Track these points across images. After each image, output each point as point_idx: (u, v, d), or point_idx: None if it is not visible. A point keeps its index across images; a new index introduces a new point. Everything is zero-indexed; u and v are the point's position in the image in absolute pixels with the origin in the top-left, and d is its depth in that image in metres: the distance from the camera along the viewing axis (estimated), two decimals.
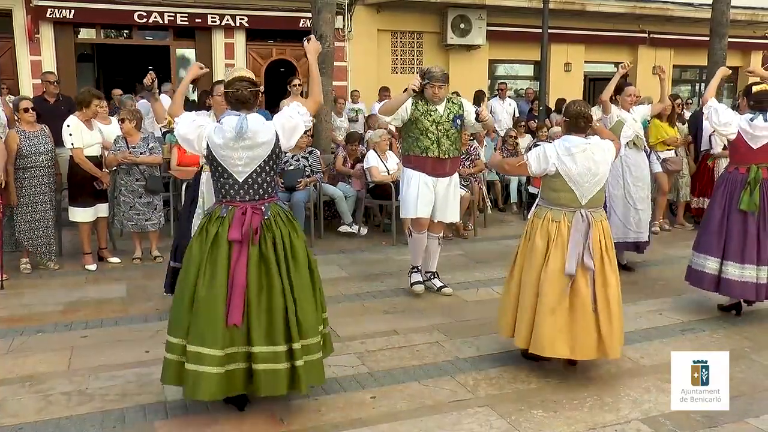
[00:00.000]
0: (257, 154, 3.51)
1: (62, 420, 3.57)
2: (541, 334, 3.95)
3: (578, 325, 3.94)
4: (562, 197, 4.04)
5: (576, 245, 3.95)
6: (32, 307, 5.41)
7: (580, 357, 4.03)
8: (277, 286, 3.46)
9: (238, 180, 3.52)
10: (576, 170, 3.98)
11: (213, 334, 3.37)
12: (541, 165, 4.05)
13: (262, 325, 3.42)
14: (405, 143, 5.62)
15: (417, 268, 5.82)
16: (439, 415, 3.65)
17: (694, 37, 15.87)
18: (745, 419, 3.60)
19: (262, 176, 3.55)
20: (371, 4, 14.12)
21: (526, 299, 4.07)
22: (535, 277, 4.02)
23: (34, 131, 6.27)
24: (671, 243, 7.78)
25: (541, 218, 4.10)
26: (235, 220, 3.46)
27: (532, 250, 4.07)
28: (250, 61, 13.79)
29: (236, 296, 3.39)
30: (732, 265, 5.11)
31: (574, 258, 3.94)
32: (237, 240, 3.43)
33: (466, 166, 8.52)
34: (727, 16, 11.68)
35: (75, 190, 6.45)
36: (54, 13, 12.18)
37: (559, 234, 3.99)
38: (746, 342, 4.76)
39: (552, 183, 4.07)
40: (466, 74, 14.79)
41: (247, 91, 3.55)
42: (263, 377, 3.42)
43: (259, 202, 3.55)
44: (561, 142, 4.08)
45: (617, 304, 4.02)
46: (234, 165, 3.50)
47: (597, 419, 3.63)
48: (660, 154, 8.17)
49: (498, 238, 8.11)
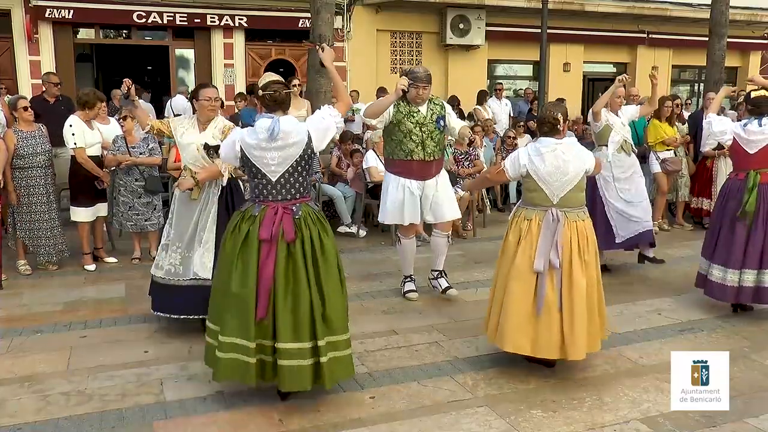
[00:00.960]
0: (289, 153, 3.62)
1: (61, 420, 3.57)
2: (505, 328, 4.03)
3: (541, 323, 3.97)
4: (535, 197, 4.10)
5: (544, 243, 3.99)
6: (31, 307, 5.41)
7: (541, 355, 4.04)
8: (303, 284, 3.57)
9: (272, 180, 3.64)
10: (544, 169, 4.03)
11: (246, 327, 3.54)
12: (516, 169, 4.14)
13: (288, 322, 3.54)
14: (388, 147, 5.46)
15: (410, 277, 5.75)
16: (438, 415, 3.66)
17: (692, 37, 15.87)
18: (743, 419, 3.60)
19: (294, 176, 3.67)
20: (370, 4, 14.12)
21: (496, 297, 4.18)
22: (505, 273, 4.11)
23: (32, 131, 6.26)
24: (670, 243, 7.79)
25: (516, 217, 4.20)
26: (266, 219, 3.59)
27: (505, 247, 4.19)
28: (249, 62, 13.80)
29: (262, 291, 3.53)
30: (717, 268, 5.23)
31: (543, 255, 3.97)
32: (266, 239, 3.55)
33: (465, 166, 8.53)
34: (726, 16, 11.69)
35: (76, 190, 6.45)
36: (53, 13, 12.18)
37: (529, 231, 4.05)
38: (745, 342, 4.76)
39: (526, 183, 4.16)
40: (465, 74, 14.81)
41: (284, 93, 3.72)
42: (287, 373, 3.54)
43: (291, 201, 3.67)
44: (533, 144, 4.18)
45: (582, 307, 3.95)
46: (267, 165, 3.62)
47: (596, 419, 3.63)
48: (659, 154, 8.18)
49: (497, 238, 8.02)
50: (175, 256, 4.74)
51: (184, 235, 4.75)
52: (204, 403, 3.76)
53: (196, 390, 3.92)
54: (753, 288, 5.10)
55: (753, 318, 5.29)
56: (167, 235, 4.84)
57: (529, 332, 3.98)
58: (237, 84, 13.44)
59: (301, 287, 3.57)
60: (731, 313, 5.37)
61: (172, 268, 4.73)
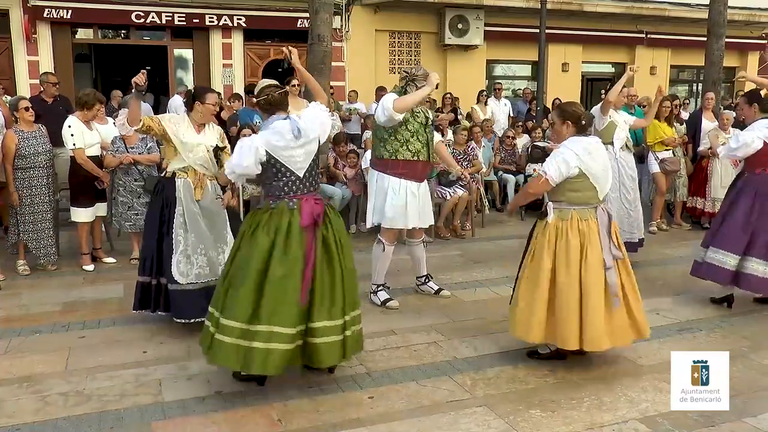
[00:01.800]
0: (310, 149, 3.88)
1: (59, 420, 3.56)
2: (592, 331, 4.02)
3: (615, 315, 4.09)
4: (584, 196, 4.10)
5: (605, 239, 4.08)
6: (29, 308, 5.40)
7: (620, 344, 4.18)
8: (336, 265, 3.81)
9: (299, 176, 3.84)
10: (596, 167, 4.08)
11: (289, 314, 3.64)
12: (565, 172, 4.04)
13: (325, 302, 3.75)
14: (389, 147, 5.25)
15: (383, 285, 5.57)
16: (436, 415, 3.65)
17: (691, 37, 15.90)
18: (742, 418, 3.61)
19: (315, 169, 3.95)
20: (369, 4, 14.12)
21: (570, 300, 4.03)
22: (577, 277, 4.05)
23: (32, 131, 6.26)
24: (668, 243, 7.80)
25: (567, 219, 4.10)
26: (304, 210, 3.76)
27: (569, 251, 4.06)
28: (247, 61, 13.81)
29: (307, 279, 3.69)
30: (756, 262, 5.25)
31: (609, 251, 4.07)
32: (309, 226, 3.74)
33: (464, 166, 8.52)
34: (724, 16, 11.69)
35: (76, 191, 6.44)
36: (51, 13, 12.17)
37: (591, 232, 4.09)
38: (744, 341, 4.77)
39: (572, 184, 4.08)
40: (464, 74, 14.82)
41: (278, 94, 3.87)
42: (324, 349, 3.74)
43: (314, 193, 3.91)
44: (574, 144, 4.08)
45: (637, 287, 4.27)
46: (295, 163, 3.82)
47: (595, 419, 3.63)
48: (658, 154, 8.19)
49: (496, 238, 8.11)
50: (203, 259, 4.70)
51: (203, 236, 4.72)
52: (203, 403, 3.76)
53: (195, 390, 3.91)
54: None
55: (751, 318, 5.30)
56: (184, 243, 4.66)
57: (608, 329, 4.06)
58: (235, 84, 13.44)
59: (335, 268, 3.80)
60: (730, 312, 5.38)
61: (201, 270, 4.70)
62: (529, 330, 4.13)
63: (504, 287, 5.98)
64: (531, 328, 4.12)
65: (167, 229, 4.71)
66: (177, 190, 4.71)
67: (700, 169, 8.53)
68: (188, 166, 4.73)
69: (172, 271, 4.64)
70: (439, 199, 7.90)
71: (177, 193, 4.70)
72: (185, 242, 4.68)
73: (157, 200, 4.81)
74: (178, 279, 4.65)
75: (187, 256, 4.67)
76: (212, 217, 4.81)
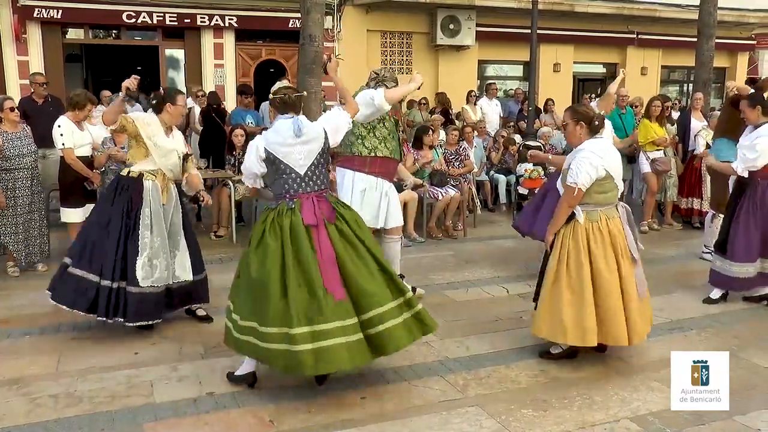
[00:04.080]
0: (312, 148, 3.91)
1: (50, 423, 3.54)
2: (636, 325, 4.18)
3: (643, 305, 4.28)
4: (609, 196, 4.22)
5: (630, 234, 4.25)
6: (20, 309, 5.37)
7: (636, 342, 4.26)
8: (364, 254, 3.83)
9: (300, 173, 3.88)
10: (615, 166, 4.21)
11: (319, 310, 3.59)
12: (592, 177, 4.08)
13: (371, 290, 3.73)
14: (367, 143, 5.18)
15: None
16: (428, 415, 3.66)
17: (681, 37, 15.96)
18: (732, 417, 3.63)
19: (319, 168, 3.95)
20: (360, 4, 14.12)
21: (615, 299, 4.13)
22: (616, 275, 4.15)
23: (17, 132, 6.20)
24: (659, 243, 7.83)
25: (595, 220, 4.19)
26: (304, 208, 3.80)
27: (606, 252, 4.14)
28: (239, 62, 13.77)
29: (330, 268, 3.69)
30: None
31: (634, 245, 4.24)
32: (313, 224, 3.76)
33: (455, 166, 8.54)
34: (714, 17, 11.76)
35: (66, 191, 6.40)
36: (41, 13, 12.10)
37: (619, 230, 4.22)
38: (734, 340, 4.79)
39: (600, 186, 4.13)
40: (456, 75, 14.84)
41: (294, 96, 3.97)
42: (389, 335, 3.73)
43: (318, 192, 3.91)
44: (594, 146, 4.14)
45: None
46: (295, 160, 3.88)
47: (586, 418, 3.64)
48: (649, 154, 8.23)
49: (487, 238, 8.13)
50: (163, 262, 4.67)
51: (164, 240, 4.70)
52: (194, 404, 3.75)
53: (187, 391, 3.91)
54: None
55: (742, 316, 5.33)
56: (150, 245, 4.60)
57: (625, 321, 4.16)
58: (227, 84, 13.42)
59: (363, 254, 3.81)
60: (720, 311, 5.41)
61: (161, 274, 4.66)
62: (585, 335, 4.11)
63: (496, 287, 6.01)
64: (586, 333, 4.10)
65: (132, 231, 4.61)
66: (146, 191, 4.64)
67: (692, 169, 8.55)
68: (158, 170, 4.71)
69: (135, 273, 4.55)
70: (431, 200, 7.91)
71: (145, 195, 4.63)
72: (150, 244, 4.61)
73: (119, 199, 4.67)
74: (140, 282, 4.55)
75: (150, 258, 4.60)
76: (172, 221, 4.78)
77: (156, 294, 4.66)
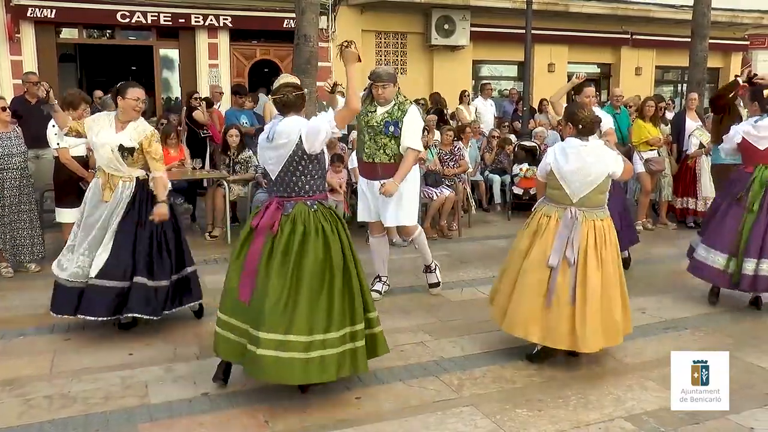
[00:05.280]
0: (280, 154, 3.80)
1: (44, 424, 3.53)
2: (516, 315, 4.21)
3: (552, 314, 4.11)
4: (555, 194, 4.28)
5: (561, 240, 4.15)
6: (14, 310, 5.35)
7: (550, 344, 4.18)
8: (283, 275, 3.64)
9: (272, 177, 3.90)
10: (567, 168, 4.19)
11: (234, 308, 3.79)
12: (544, 169, 4.38)
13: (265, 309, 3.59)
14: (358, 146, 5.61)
15: (378, 278, 5.73)
16: (423, 415, 3.66)
17: (675, 38, 16.02)
18: (726, 416, 3.64)
19: (289, 175, 3.81)
20: (355, 4, 14.11)
21: (508, 284, 4.36)
22: (519, 264, 4.29)
23: (7, 132, 6.17)
24: (654, 242, 7.85)
25: (537, 212, 4.37)
26: (260, 211, 3.86)
27: (521, 239, 4.36)
28: (233, 62, 13.75)
29: (244, 276, 3.76)
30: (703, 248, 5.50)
31: (558, 252, 4.14)
32: (253, 226, 3.81)
33: (450, 167, 8.55)
34: (707, 17, 11.81)
35: (61, 191, 6.37)
36: (35, 12, 12.06)
37: (548, 227, 4.23)
38: (727, 339, 4.81)
39: (549, 181, 4.32)
40: (450, 75, 14.85)
41: (293, 95, 3.86)
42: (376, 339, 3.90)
43: (286, 198, 3.82)
44: (561, 144, 4.36)
45: (595, 302, 4.09)
46: (267, 163, 3.90)
47: (581, 417, 3.65)
48: (643, 154, 8.25)
49: (482, 238, 8.14)
50: (84, 259, 4.63)
51: (89, 236, 4.66)
52: (189, 405, 3.75)
53: (182, 392, 3.90)
54: (752, 276, 5.21)
55: (735, 316, 5.35)
56: (74, 236, 4.74)
57: (539, 321, 4.14)
58: (222, 84, 13.39)
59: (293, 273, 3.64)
60: (714, 311, 5.43)
61: (80, 270, 4.62)
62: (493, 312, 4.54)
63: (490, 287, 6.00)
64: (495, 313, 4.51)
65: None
66: (89, 188, 4.82)
67: (687, 169, 8.60)
68: (100, 166, 4.73)
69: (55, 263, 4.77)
70: (425, 200, 7.91)
71: (87, 191, 4.81)
72: (74, 237, 4.75)
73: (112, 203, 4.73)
74: (56, 271, 4.71)
75: (72, 250, 4.70)
76: (108, 220, 4.67)
77: (69, 289, 4.63)
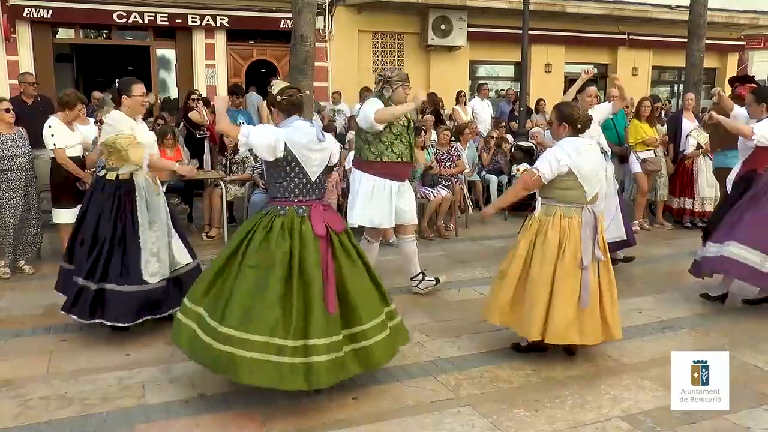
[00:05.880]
0: (324, 156, 3.90)
1: (41, 425, 3.52)
2: (557, 324, 4.11)
3: (586, 313, 4.14)
4: (571, 195, 4.20)
5: (587, 239, 4.16)
6: (10, 311, 5.34)
7: (589, 342, 4.22)
8: (359, 265, 3.84)
9: (311, 179, 3.83)
10: (587, 167, 4.17)
11: (317, 325, 3.54)
12: (555, 169, 4.16)
13: (364, 305, 3.74)
14: (373, 148, 5.32)
15: None
16: (421, 415, 3.66)
17: (672, 38, 16.06)
18: (723, 415, 3.64)
19: (324, 177, 3.95)
20: (352, 4, 14.12)
21: (539, 293, 4.16)
22: (550, 271, 4.15)
23: (11, 134, 6.16)
24: (651, 242, 7.86)
25: (551, 215, 4.23)
26: (314, 217, 3.75)
27: (545, 245, 4.19)
28: (230, 62, 13.75)
29: (330, 286, 3.63)
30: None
31: (589, 251, 4.15)
32: (322, 235, 3.71)
33: (447, 167, 8.55)
34: (704, 18, 11.85)
35: (58, 192, 6.36)
36: (31, 12, 12.05)
37: (572, 229, 4.17)
38: (724, 339, 4.82)
39: (562, 182, 4.19)
40: (447, 75, 14.87)
41: (299, 96, 3.94)
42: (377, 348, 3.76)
43: (322, 201, 3.91)
44: (568, 143, 4.22)
45: (615, 291, 4.32)
46: (311, 165, 3.82)
47: (578, 417, 3.65)
48: (639, 154, 8.27)
49: (479, 238, 8.14)
50: (166, 255, 4.70)
51: (164, 232, 4.74)
52: (186, 406, 3.74)
53: (179, 393, 3.89)
54: None
55: (732, 316, 5.35)
56: (153, 241, 4.61)
57: (576, 324, 4.13)
58: (219, 84, 13.39)
59: (359, 265, 3.83)
60: (711, 311, 5.44)
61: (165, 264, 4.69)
62: (490, 312, 4.41)
63: (487, 287, 5.99)
64: (492, 310, 4.38)
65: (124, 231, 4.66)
66: (138, 188, 4.69)
67: (684, 169, 8.61)
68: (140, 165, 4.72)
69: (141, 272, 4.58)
70: (422, 200, 7.91)
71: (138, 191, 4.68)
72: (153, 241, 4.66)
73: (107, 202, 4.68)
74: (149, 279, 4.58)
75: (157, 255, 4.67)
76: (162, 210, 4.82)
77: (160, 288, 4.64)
